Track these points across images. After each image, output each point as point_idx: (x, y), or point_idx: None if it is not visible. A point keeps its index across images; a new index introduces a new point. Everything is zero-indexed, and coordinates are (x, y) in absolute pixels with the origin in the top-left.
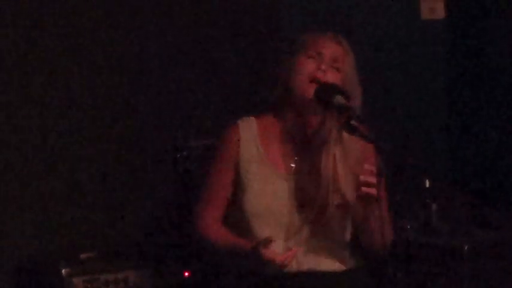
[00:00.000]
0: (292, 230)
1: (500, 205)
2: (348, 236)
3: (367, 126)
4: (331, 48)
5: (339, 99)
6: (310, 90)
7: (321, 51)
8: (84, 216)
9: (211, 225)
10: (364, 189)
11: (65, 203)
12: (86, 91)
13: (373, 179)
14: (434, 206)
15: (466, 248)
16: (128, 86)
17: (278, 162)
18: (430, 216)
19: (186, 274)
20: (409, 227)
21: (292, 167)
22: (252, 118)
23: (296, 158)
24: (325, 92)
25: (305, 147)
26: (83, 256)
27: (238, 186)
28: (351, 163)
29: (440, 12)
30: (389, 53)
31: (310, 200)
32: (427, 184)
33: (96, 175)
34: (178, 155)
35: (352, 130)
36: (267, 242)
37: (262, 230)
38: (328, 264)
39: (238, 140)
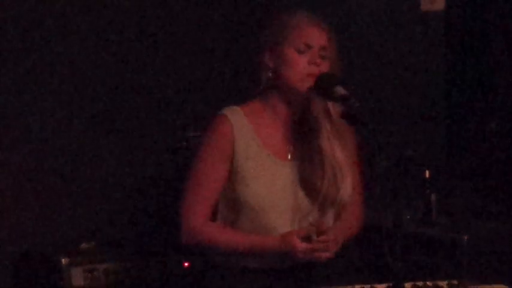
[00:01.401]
0: (298, 217)
1: (499, 196)
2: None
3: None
4: (318, 38)
5: (339, 89)
6: (306, 84)
7: (310, 43)
8: (84, 206)
9: (204, 224)
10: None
11: (65, 193)
12: (85, 84)
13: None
14: (433, 197)
15: (465, 238)
16: (127, 79)
17: (274, 149)
18: (430, 207)
19: (186, 264)
20: (408, 217)
21: (289, 152)
22: (237, 108)
23: (291, 144)
24: (325, 83)
25: (298, 132)
26: (82, 246)
27: (234, 179)
28: (344, 143)
29: (440, 4)
30: (389, 44)
31: (316, 186)
32: (427, 175)
33: (96, 166)
34: (178, 146)
35: (352, 120)
36: (302, 234)
37: (268, 220)
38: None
39: (231, 132)
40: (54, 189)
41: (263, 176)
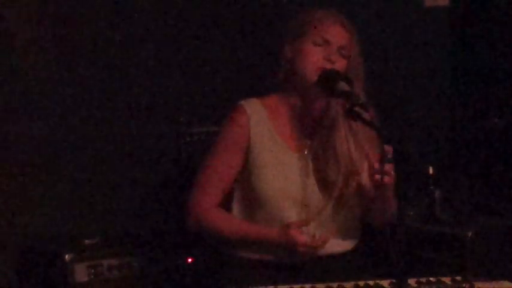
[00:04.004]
0: (312, 211)
1: (503, 192)
2: (358, 213)
3: (372, 112)
4: (338, 36)
5: (343, 85)
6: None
7: (328, 39)
8: (88, 202)
9: (209, 210)
10: (377, 177)
11: (69, 189)
12: (90, 80)
13: (387, 167)
14: (437, 193)
15: (469, 235)
16: (132, 74)
17: (291, 142)
18: (434, 203)
19: (189, 260)
20: (412, 213)
21: (305, 146)
22: (256, 100)
23: (308, 139)
24: (329, 78)
25: (315, 127)
26: (86, 242)
27: (250, 170)
28: (361, 142)
29: None
30: (393, 40)
31: (331, 181)
32: (431, 171)
33: (100, 163)
34: (182, 142)
35: (356, 116)
36: (301, 224)
37: (284, 212)
38: (340, 245)
39: (248, 122)
40: (57, 185)
41: (278, 167)
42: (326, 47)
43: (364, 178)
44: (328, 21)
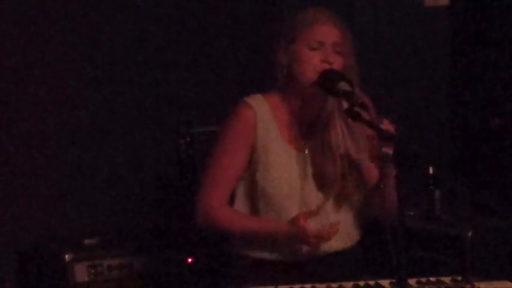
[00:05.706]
0: (313, 209)
1: (503, 192)
2: (359, 211)
3: (372, 112)
4: (331, 36)
5: (343, 85)
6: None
7: (323, 40)
8: (88, 202)
9: (219, 207)
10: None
11: (69, 189)
12: (89, 81)
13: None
14: (437, 193)
15: (469, 234)
16: (132, 75)
17: (292, 141)
18: (434, 203)
19: (190, 260)
20: (412, 213)
21: (304, 146)
22: (260, 96)
23: (307, 138)
24: (329, 78)
25: (312, 126)
26: (86, 242)
27: (254, 166)
28: (359, 140)
29: None
30: (393, 40)
31: (329, 179)
32: (431, 171)
33: (100, 163)
34: (182, 141)
35: (355, 116)
36: (312, 214)
37: (284, 209)
38: (341, 242)
39: (255, 119)
40: (57, 185)
41: (281, 165)
42: (321, 49)
43: (360, 180)
44: (319, 22)
